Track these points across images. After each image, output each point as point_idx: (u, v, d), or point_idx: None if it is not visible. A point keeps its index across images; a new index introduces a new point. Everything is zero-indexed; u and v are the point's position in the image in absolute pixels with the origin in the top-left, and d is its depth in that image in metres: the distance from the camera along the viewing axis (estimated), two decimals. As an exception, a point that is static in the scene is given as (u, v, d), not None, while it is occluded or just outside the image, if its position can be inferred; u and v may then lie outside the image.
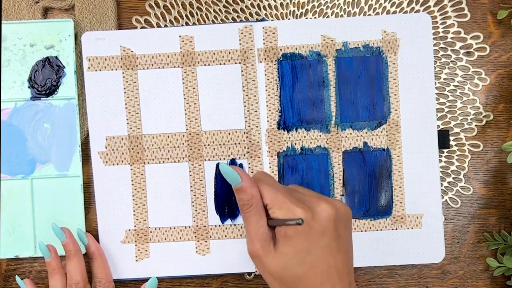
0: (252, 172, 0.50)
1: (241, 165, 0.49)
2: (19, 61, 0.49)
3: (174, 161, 0.50)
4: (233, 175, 0.38)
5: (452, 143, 0.51)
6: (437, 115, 0.50)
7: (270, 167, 0.49)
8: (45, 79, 0.49)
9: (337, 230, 0.38)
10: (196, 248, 0.50)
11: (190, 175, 0.50)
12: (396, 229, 0.50)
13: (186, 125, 0.50)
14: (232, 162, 0.49)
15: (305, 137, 0.50)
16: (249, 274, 0.51)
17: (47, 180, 0.50)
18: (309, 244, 0.37)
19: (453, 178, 0.51)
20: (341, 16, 0.50)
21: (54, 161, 0.50)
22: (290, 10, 0.50)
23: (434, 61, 0.50)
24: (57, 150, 0.50)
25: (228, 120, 0.50)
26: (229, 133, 0.49)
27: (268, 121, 0.49)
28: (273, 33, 0.49)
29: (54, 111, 0.50)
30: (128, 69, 0.49)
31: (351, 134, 0.50)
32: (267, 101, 0.49)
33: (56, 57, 0.49)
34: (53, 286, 0.48)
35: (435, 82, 0.50)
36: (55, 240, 0.49)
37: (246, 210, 0.38)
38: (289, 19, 0.50)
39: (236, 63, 0.49)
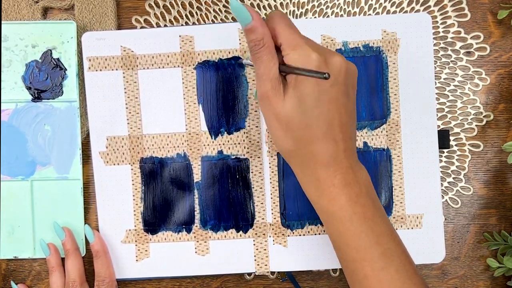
0: (252, 172, 0.50)
1: (246, 160, 0.49)
2: (20, 62, 0.49)
3: (174, 161, 0.50)
4: (243, 13, 0.35)
5: (452, 143, 0.51)
6: (437, 115, 0.50)
7: (270, 167, 0.49)
8: (48, 81, 0.49)
9: (347, 86, 0.37)
10: (195, 248, 0.50)
11: (190, 175, 0.50)
12: (396, 229, 0.50)
13: (186, 125, 0.50)
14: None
15: (305, 137, 0.50)
16: (249, 274, 0.51)
17: (47, 182, 0.50)
18: (319, 93, 0.36)
19: (453, 178, 0.51)
20: (341, 16, 0.50)
21: (55, 163, 0.50)
22: (290, 10, 0.50)
23: (434, 61, 0.50)
24: (58, 153, 0.50)
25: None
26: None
27: (268, 121, 0.49)
28: (273, 33, 0.49)
29: (55, 113, 0.50)
30: (128, 69, 0.49)
31: (351, 134, 0.50)
32: (267, 101, 0.49)
33: (58, 59, 0.49)
34: (53, 283, 0.49)
35: (435, 82, 0.50)
36: (54, 241, 0.50)
37: (258, 50, 0.36)
38: (289, 19, 0.50)
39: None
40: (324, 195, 0.37)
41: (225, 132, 0.49)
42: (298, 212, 0.50)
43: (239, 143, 0.49)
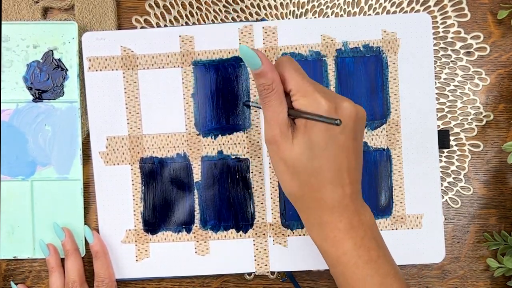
0: (252, 172, 0.50)
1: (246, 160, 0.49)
2: (21, 62, 0.49)
3: (174, 161, 0.50)
4: (253, 58, 0.35)
5: (452, 143, 0.51)
6: (437, 115, 0.50)
7: (270, 167, 0.49)
8: (49, 81, 0.49)
9: (355, 131, 0.37)
10: (195, 248, 0.50)
11: (190, 175, 0.50)
12: (396, 229, 0.50)
13: (186, 125, 0.50)
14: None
15: (305, 137, 0.50)
16: (249, 274, 0.51)
17: (47, 183, 0.50)
18: (328, 139, 0.36)
19: (453, 178, 0.51)
20: (341, 16, 0.50)
21: (55, 163, 0.50)
22: (290, 10, 0.50)
23: (434, 61, 0.50)
24: (58, 153, 0.50)
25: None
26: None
27: (268, 121, 0.49)
28: (273, 33, 0.49)
29: (56, 113, 0.50)
30: (128, 69, 0.49)
31: (351, 134, 0.50)
32: (267, 101, 0.49)
33: (59, 59, 0.49)
34: (53, 283, 0.49)
35: (435, 82, 0.50)
36: (54, 241, 0.50)
37: (267, 95, 0.36)
38: (289, 19, 0.50)
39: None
40: (329, 239, 0.37)
41: (225, 132, 0.49)
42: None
43: (239, 143, 0.49)
